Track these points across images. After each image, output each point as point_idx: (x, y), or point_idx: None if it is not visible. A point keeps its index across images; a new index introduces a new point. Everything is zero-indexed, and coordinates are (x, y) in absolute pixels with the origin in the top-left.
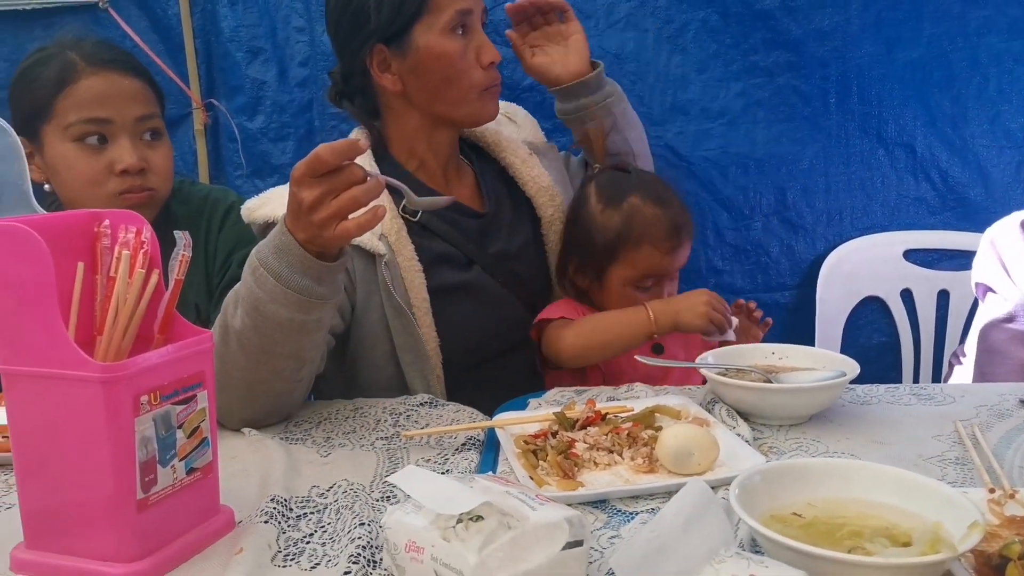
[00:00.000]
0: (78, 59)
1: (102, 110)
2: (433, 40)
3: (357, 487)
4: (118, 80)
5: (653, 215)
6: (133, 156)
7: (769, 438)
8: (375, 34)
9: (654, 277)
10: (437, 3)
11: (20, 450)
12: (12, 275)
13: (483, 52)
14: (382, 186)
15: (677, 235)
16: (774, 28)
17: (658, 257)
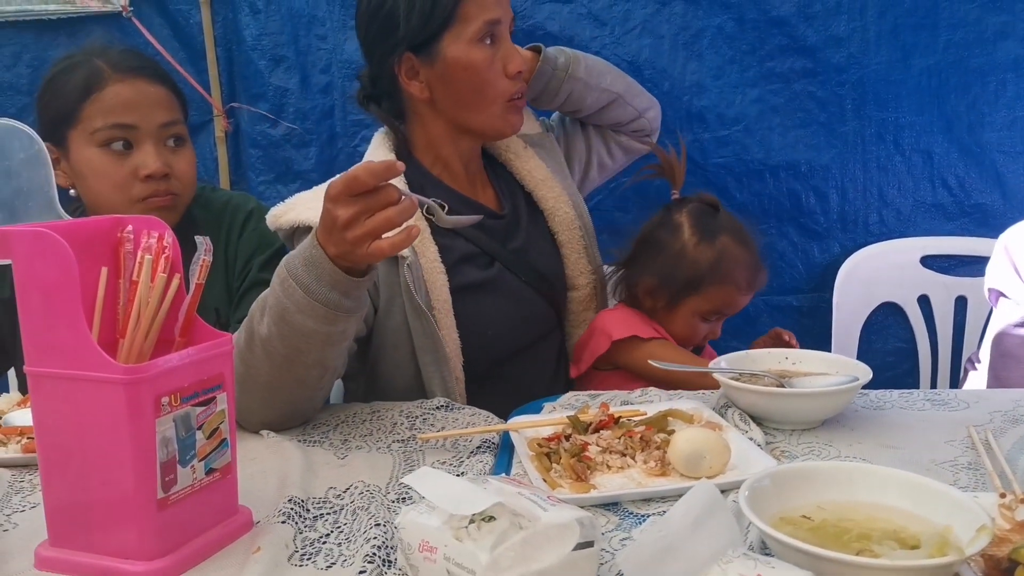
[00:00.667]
0: (105, 66)
1: (127, 116)
2: (461, 50)
3: (373, 488)
4: (143, 87)
5: (742, 257)
6: (157, 161)
7: (782, 442)
8: (404, 42)
9: (722, 313)
10: (466, 13)
11: (45, 450)
12: (39, 279)
13: (510, 61)
14: (415, 207)
15: (756, 280)
16: (790, 35)
17: (735, 296)
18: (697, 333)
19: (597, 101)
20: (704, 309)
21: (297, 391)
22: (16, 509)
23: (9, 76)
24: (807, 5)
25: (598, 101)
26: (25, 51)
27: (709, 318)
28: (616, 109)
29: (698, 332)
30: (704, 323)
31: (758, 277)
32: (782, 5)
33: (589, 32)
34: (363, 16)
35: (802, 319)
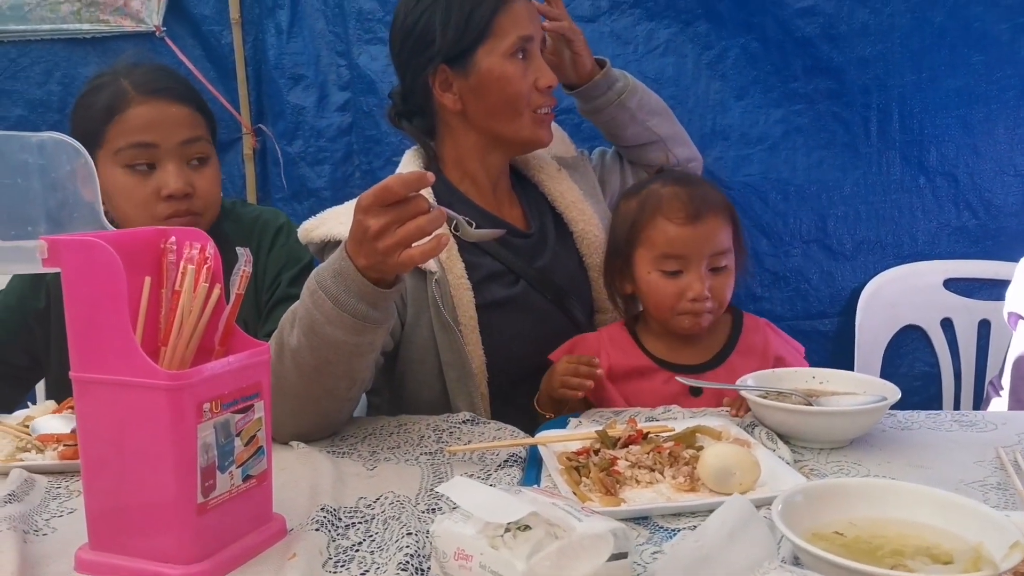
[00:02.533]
0: (129, 87)
1: (149, 136)
2: (495, 63)
3: (403, 499)
4: (165, 107)
5: (669, 192)
6: (179, 181)
7: (810, 460)
8: (439, 55)
9: (675, 257)
10: (500, 28)
11: (88, 454)
12: (88, 287)
13: (541, 76)
14: (444, 216)
15: (695, 206)
16: (815, 55)
17: (673, 230)
18: (668, 292)
19: (636, 136)
20: (652, 257)
21: (326, 402)
22: (54, 514)
23: (41, 93)
24: (832, 26)
25: (637, 137)
26: (56, 68)
27: (668, 269)
28: (654, 151)
29: (667, 291)
30: (670, 277)
31: (699, 205)
32: (807, 26)
33: (612, 51)
34: (397, 33)
35: (828, 344)
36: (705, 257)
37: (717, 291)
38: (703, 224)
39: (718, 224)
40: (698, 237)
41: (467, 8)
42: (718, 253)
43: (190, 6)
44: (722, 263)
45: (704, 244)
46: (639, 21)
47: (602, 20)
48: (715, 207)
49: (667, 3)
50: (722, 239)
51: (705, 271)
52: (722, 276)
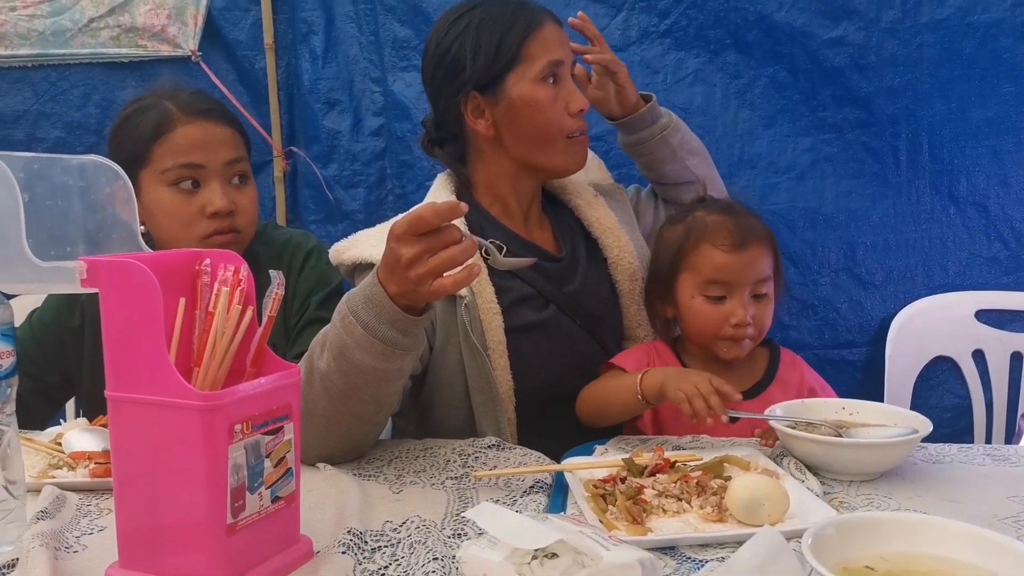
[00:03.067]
0: (174, 109)
1: (196, 156)
2: (525, 88)
3: (429, 523)
4: (210, 128)
5: (714, 220)
6: (223, 199)
7: (839, 493)
8: (470, 82)
9: (720, 283)
10: (530, 54)
11: (121, 472)
12: (124, 307)
13: (572, 100)
14: (476, 245)
15: (740, 235)
16: (844, 85)
17: (719, 256)
18: (711, 318)
19: (675, 174)
20: (696, 283)
21: (353, 426)
22: (85, 532)
23: (79, 116)
24: (861, 56)
25: (676, 175)
26: (95, 92)
27: (713, 294)
28: (690, 191)
29: (710, 316)
30: (714, 303)
31: (745, 233)
32: (836, 56)
33: (641, 80)
34: (429, 62)
35: (856, 373)
36: (749, 284)
37: (758, 318)
38: (748, 252)
39: (761, 252)
40: (743, 264)
41: (497, 35)
42: (761, 280)
43: (225, 31)
44: (764, 290)
45: (748, 271)
46: (668, 50)
47: (631, 49)
48: (759, 235)
49: (696, 33)
50: (765, 267)
51: (748, 298)
52: (763, 303)
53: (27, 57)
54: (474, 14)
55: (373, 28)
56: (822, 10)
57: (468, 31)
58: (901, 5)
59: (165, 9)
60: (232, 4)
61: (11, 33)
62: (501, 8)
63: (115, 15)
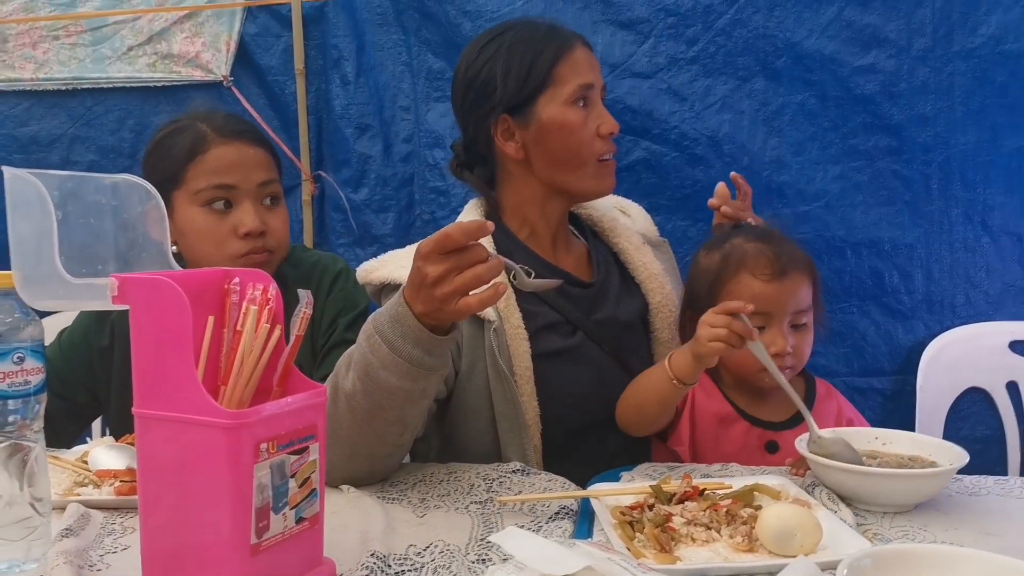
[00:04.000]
0: (209, 131)
1: (229, 177)
2: (556, 111)
3: (453, 548)
4: (244, 149)
5: (753, 247)
6: (255, 220)
7: (873, 525)
8: (500, 105)
9: (760, 313)
10: (561, 77)
11: (146, 490)
12: (154, 325)
13: (602, 123)
14: (502, 265)
15: (780, 264)
16: (874, 112)
17: (758, 286)
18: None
19: None
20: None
21: (377, 447)
22: (108, 550)
23: (113, 140)
24: (892, 84)
25: None
26: (129, 116)
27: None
28: None
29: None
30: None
31: (784, 262)
32: (866, 84)
33: (669, 107)
34: (460, 85)
35: (885, 403)
36: (788, 314)
37: (798, 348)
38: (787, 281)
39: (801, 281)
40: (783, 294)
41: (528, 58)
42: (800, 311)
43: (256, 57)
44: (803, 320)
45: (788, 301)
46: (696, 77)
47: (659, 76)
48: (798, 264)
49: (725, 60)
50: (804, 296)
51: (787, 328)
52: (803, 333)
53: (64, 80)
54: (504, 38)
55: (406, 58)
56: (853, 38)
57: (499, 54)
58: (932, 33)
59: (201, 37)
60: (264, 30)
61: (52, 60)
62: (531, 32)
63: (153, 43)
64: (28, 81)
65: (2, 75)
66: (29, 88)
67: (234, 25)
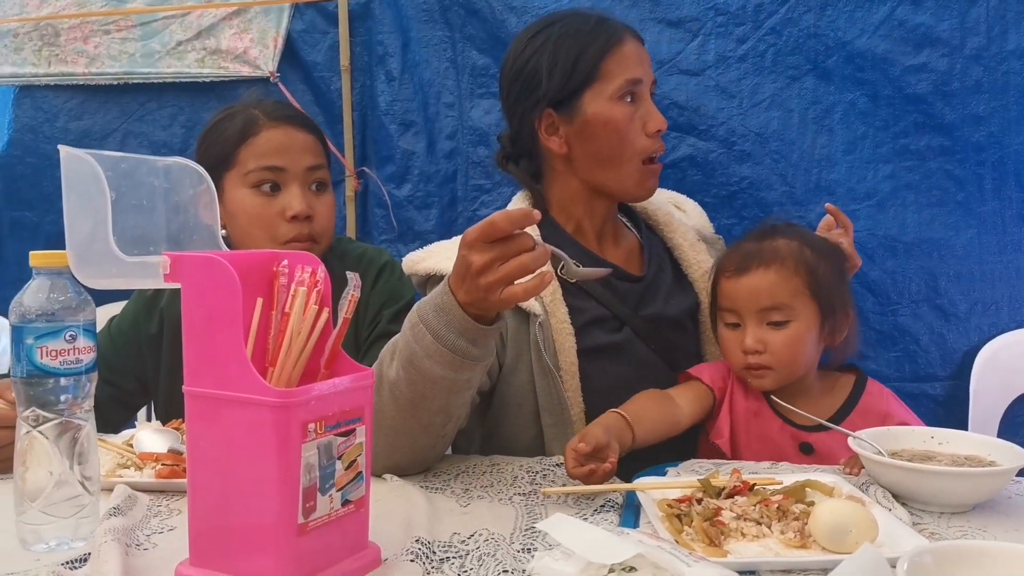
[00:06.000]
0: (260, 114)
1: (277, 159)
2: (601, 107)
3: (498, 537)
4: (294, 133)
5: (736, 246)
6: (302, 203)
7: (930, 524)
8: (545, 98)
9: (729, 310)
10: (608, 72)
11: (195, 470)
12: (207, 303)
13: (650, 120)
14: (548, 254)
15: (742, 259)
16: (927, 112)
17: (724, 283)
18: (728, 346)
19: None
20: (718, 309)
21: (421, 437)
22: (155, 531)
23: (165, 135)
24: (944, 83)
25: None
26: (180, 112)
27: (729, 321)
28: None
29: (728, 344)
30: (730, 330)
31: (750, 259)
32: (918, 83)
33: (716, 104)
34: (507, 76)
35: (937, 408)
36: (754, 311)
37: (775, 347)
38: (748, 277)
39: (766, 278)
40: (743, 290)
41: (575, 51)
42: (769, 308)
43: (303, 53)
44: (778, 318)
45: (751, 298)
46: (745, 75)
47: (707, 74)
48: (768, 261)
49: (775, 58)
50: (774, 293)
51: (760, 325)
52: (783, 331)
53: (115, 75)
54: (552, 30)
55: (451, 55)
56: (905, 37)
57: (546, 47)
58: (987, 32)
59: (249, 33)
60: (311, 27)
61: (103, 55)
62: (580, 24)
63: (202, 39)
64: (80, 76)
65: (56, 69)
66: (82, 83)
67: (281, 21)
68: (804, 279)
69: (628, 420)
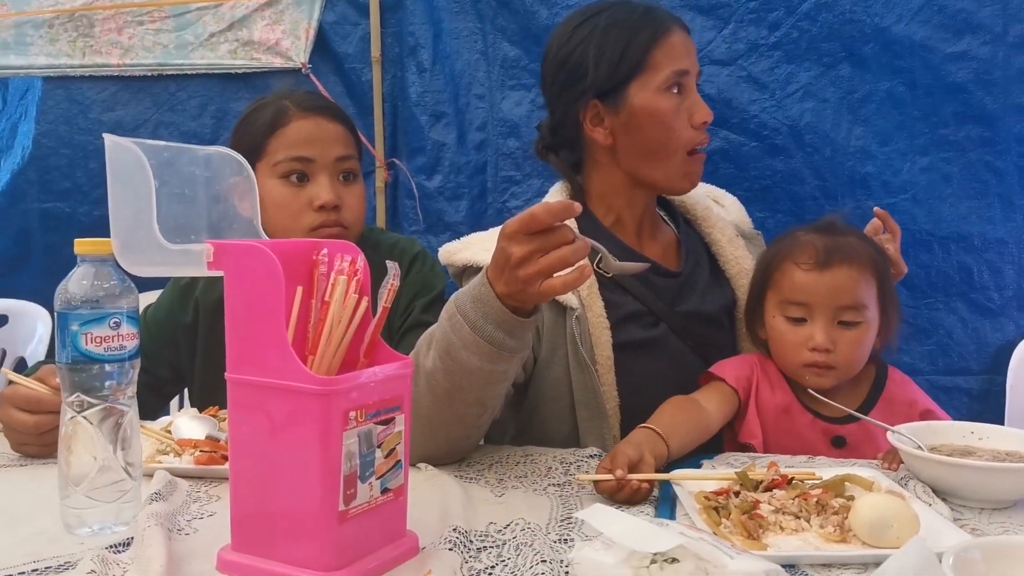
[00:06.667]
0: (291, 105)
1: (307, 150)
2: (648, 98)
3: (534, 527)
4: (323, 124)
5: (805, 238)
6: (331, 193)
7: (971, 520)
8: (591, 89)
9: (798, 303)
10: (655, 62)
11: (237, 457)
12: (249, 291)
13: (696, 112)
14: (588, 247)
15: (824, 254)
16: (967, 102)
17: (798, 275)
18: (790, 340)
19: None
20: (777, 300)
21: (456, 427)
22: (195, 516)
23: (195, 125)
24: (986, 72)
25: None
26: (211, 103)
27: (792, 315)
28: None
29: (789, 338)
30: (793, 324)
31: (831, 253)
32: (958, 71)
33: (748, 95)
34: (550, 65)
35: (972, 403)
36: (831, 308)
37: (843, 347)
38: (831, 273)
39: (851, 276)
40: (824, 285)
41: (622, 42)
42: (847, 307)
43: (334, 45)
44: (852, 318)
45: (831, 294)
46: (778, 64)
47: (739, 63)
48: (851, 258)
49: (808, 46)
50: (855, 293)
51: (831, 323)
52: (853, 332)
53: (148, 66)
54: (599, 19)
55: (482, 46)
56: (944, 23)
57: (592, 36)
58: None
59: (281, 24)
60: (342, 18)
61: (137, 46)
62: (627, 14)
63: (234, 30)
64: (115, 67)
65: (90, 60)
66: (116, 74)
67: (313, 13)
68: (876, 281)
69: (660, 433)
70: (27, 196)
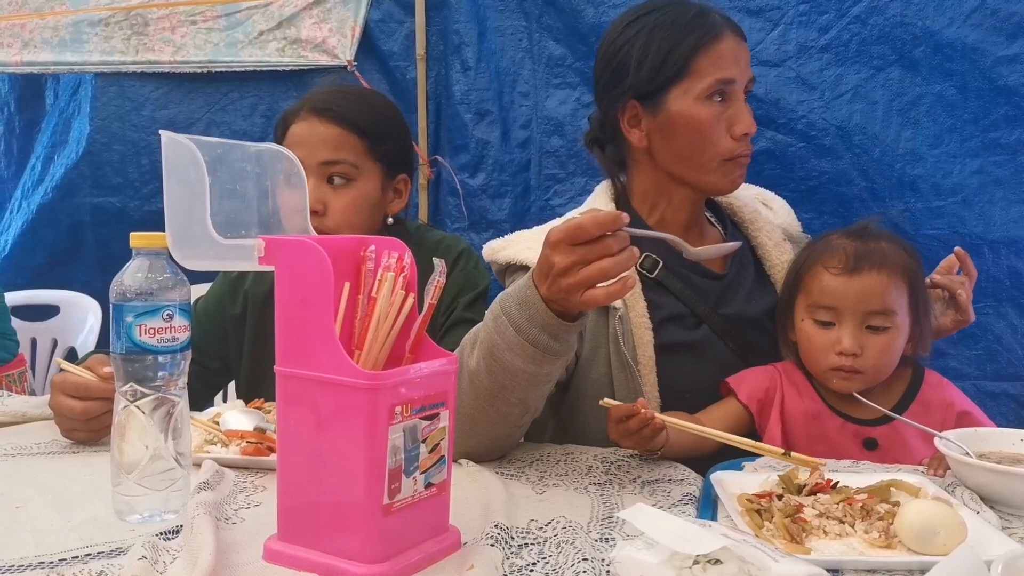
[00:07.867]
0: (305, 105)
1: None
2: (687, 105)
3: (575, 525)
4: (315, 126)
5: (837, 241)
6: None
7: (1020, 529)
8: (631, 90)
9: (827, 307)
10: (698, 69)
11: (285, 449)
12: (299, 286)
13: (738, 122)
14: (634, 259)
15: (854, 259)
16: (1018, 105)
17: (827, 279)
18: (818, 343)
19: None
20: (806, 304)
21: (498, 426)
22: (242, 506)
23: (246, 124)
24: None
25: None
26: (260, 102)
27: (820, 319)
28: None
29: (817, 341)
30: (822, 328)
31: (861, 258)
32: (1011, 74)
33: (796, 96)
34: (600, 60)
35: (1020, 409)
36: (859, 313)
37: (871, 352)
38: (861, 278)
39: (880, 281)
40: (852, 290)
41: (667, 45)
42: (875, 312)
43: (380, 43)
44: (880, 323)
45: (859, 299)
46: (827, 66)
47: (787, 64)
48: (881, 263)
49: (858, 48)
50: (884, 298)
51: (859, 328)
52: (881, 337)
53: (199, 64)
54: (648, 19)
55: (527, 45)
56: (997, 26)
57: (639, 36)
58: None
59: (328, 22)
60: (388, 16)
61: (189, 44)
62: (678, 15)
63: (283, 28)
64: (167, 64)
65: (143, 57)
66: (167, 70)
67: (360, 11)
68: (907, 287)
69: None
70: (80, 191)
